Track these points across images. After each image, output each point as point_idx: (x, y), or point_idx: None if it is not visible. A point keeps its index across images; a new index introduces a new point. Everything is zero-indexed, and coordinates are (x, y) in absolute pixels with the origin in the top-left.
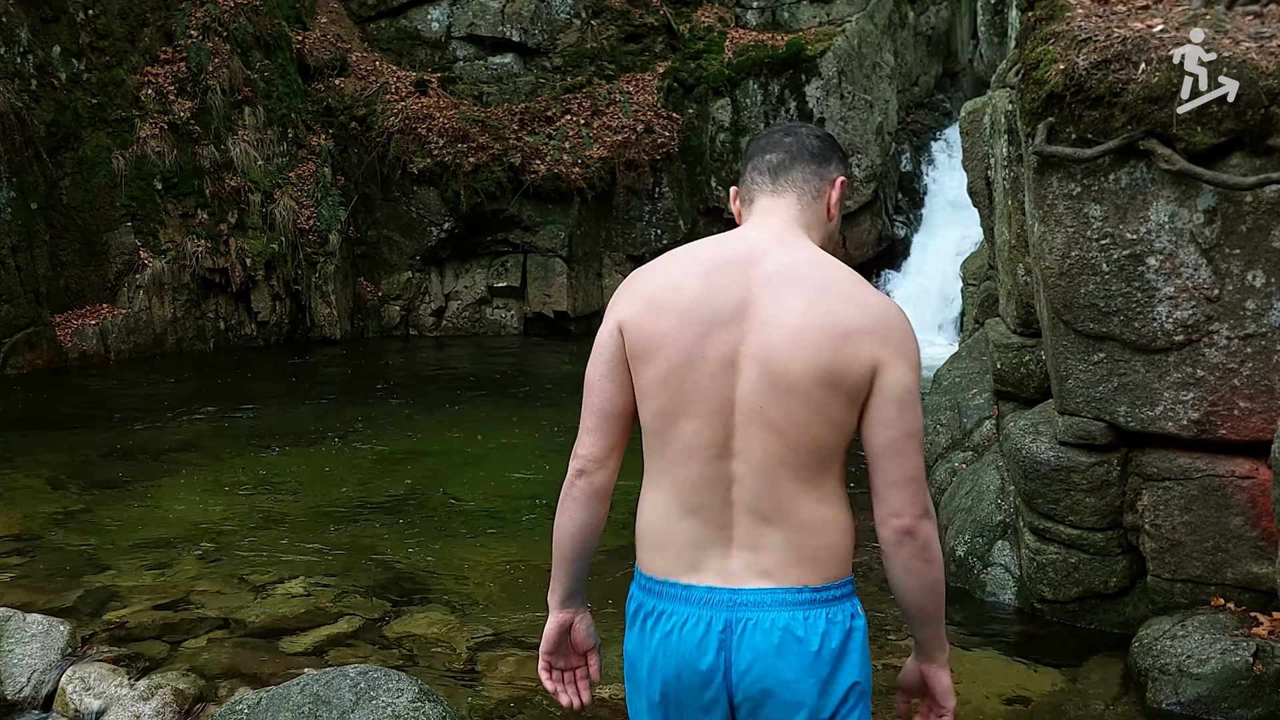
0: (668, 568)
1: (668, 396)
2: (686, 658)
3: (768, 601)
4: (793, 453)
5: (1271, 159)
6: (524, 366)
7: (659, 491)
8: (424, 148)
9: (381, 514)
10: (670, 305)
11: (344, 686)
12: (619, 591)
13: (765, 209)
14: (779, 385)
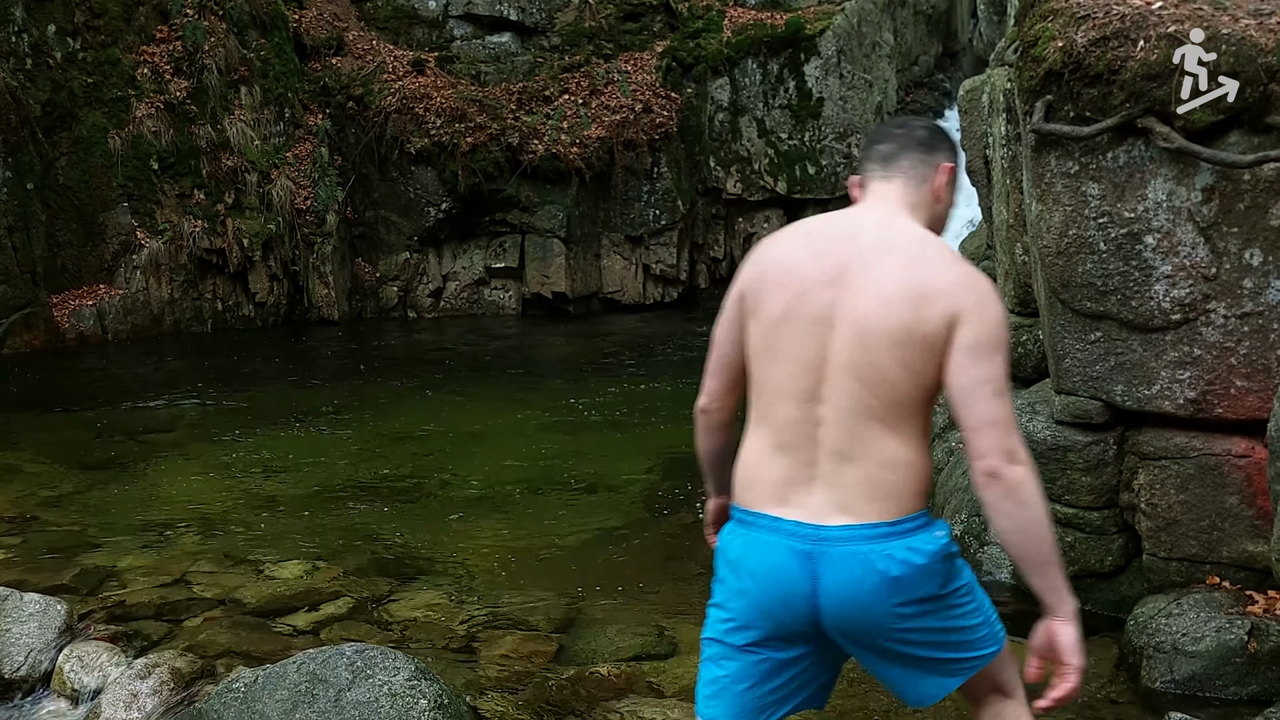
0: (758, 501)
1: (768, 347)
2: (776, 581)
3: (846, 536)
4: (877, 401)
5: (1270, 137)
6: (522, 348)
7: (755, 433)
8: (421, 127)
9: (380, 495)
10: (778, 269)
11: (340, 665)
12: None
13: (876, 192)
14: (867, 341)
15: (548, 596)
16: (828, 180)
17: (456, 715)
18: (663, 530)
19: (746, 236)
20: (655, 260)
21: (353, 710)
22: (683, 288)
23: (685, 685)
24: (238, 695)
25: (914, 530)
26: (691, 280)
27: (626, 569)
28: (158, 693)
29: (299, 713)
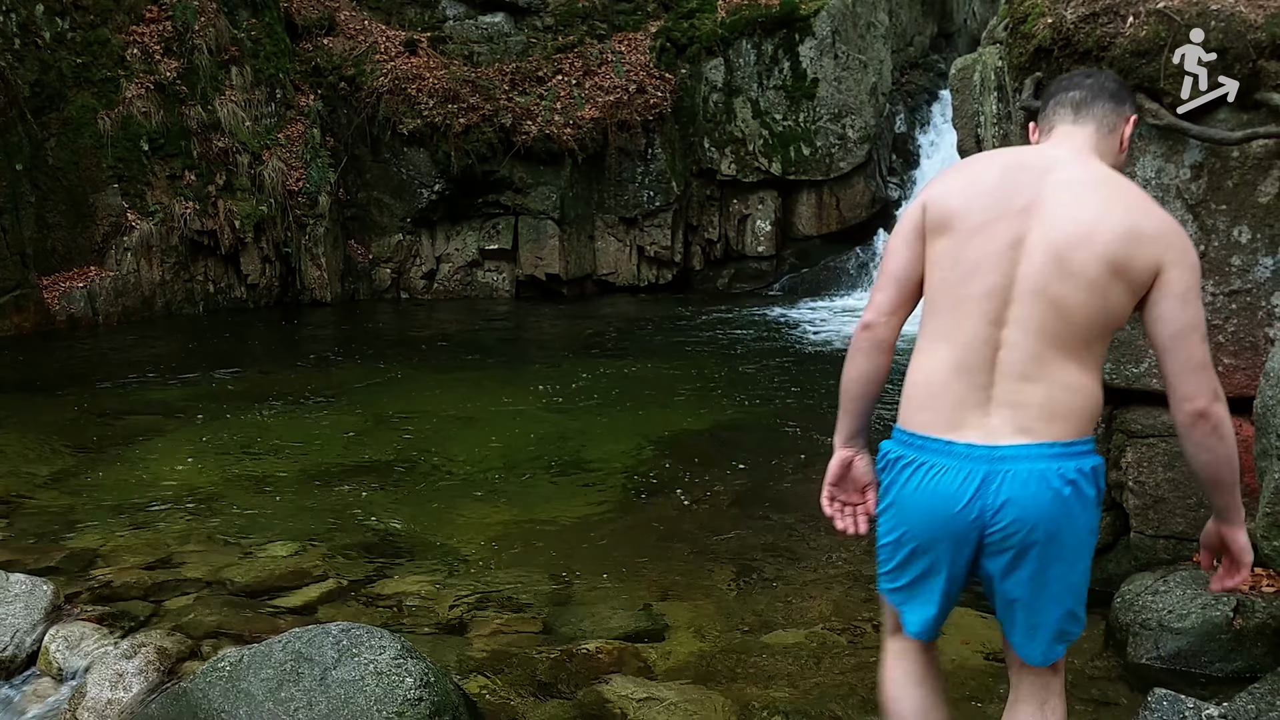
0: (930, 423)
1: (955, 267)
2: (945, 502)
3: (1024, 455)
4: (1066, 326)
5: (1258, 113)
6: (516, 329)
7: (931, 353)
8: (414, 108)
9: (371, 475)
10: (968, 192)
11: (326, 644)
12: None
13: (1065, 134)
14: (1067, 269)
15: (536, 577)
16: (822, 161)
17: (442, 693)
18: (652, 511)
19: (741, 218)
20: (649, 242)
21: (338, 689)
22: (677, 270)
23: (675, 664)
24: (223, 674)
25: (1086, 453)
26: (686, 262)
27: (616, 549)
28: (143, 672)
29: (284, 691)
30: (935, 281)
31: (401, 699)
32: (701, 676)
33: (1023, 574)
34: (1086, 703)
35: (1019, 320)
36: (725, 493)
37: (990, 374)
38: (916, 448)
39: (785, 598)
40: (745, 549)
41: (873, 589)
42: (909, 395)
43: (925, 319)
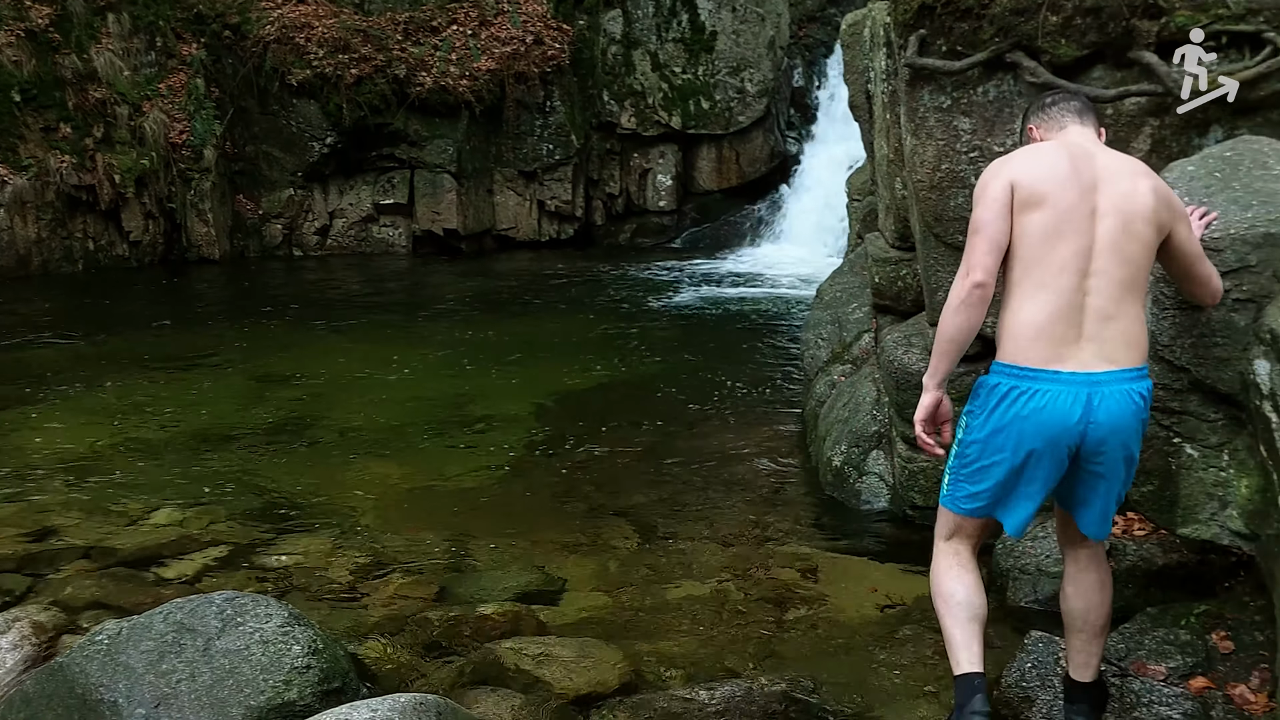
0: (1039, 357)
1: (1051, 232)
2: (1059, 419)
3: (1115, 379)
4: (1131, 273)
5: (1132, 71)
6: (413, 286)
7: (1032, 300)
8: (303, 58)
9: (262, 439)
10: (1049, 174)
11: (209, 613)
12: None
13: (1080, 132)
14: (1130, 230)
15: (432, 539)
16: (722, 115)
17: (332, 660)
18: (550, 470)
19: (642, 173)
20: (550, 196)
21: (222, 659)
22: (578, 225)
23: (571, 622)
24: (101, 648)
25: (1147, 375)
26: (587, 217)
27: (513, 510)
28: (18, 648)
29: (165, 663)
30: (1029, 244)
31: (289, 667)
32: (598, 633)
33: (1108, 469)
34: None
35: (1101, 272)
36: (624, 450)
37: (1081, 314)
38: (1030, 378)
39: (682, 552)
40: (643, 505)
41: (762, 544)
42: (1015, 334)
43: (1024, 274)
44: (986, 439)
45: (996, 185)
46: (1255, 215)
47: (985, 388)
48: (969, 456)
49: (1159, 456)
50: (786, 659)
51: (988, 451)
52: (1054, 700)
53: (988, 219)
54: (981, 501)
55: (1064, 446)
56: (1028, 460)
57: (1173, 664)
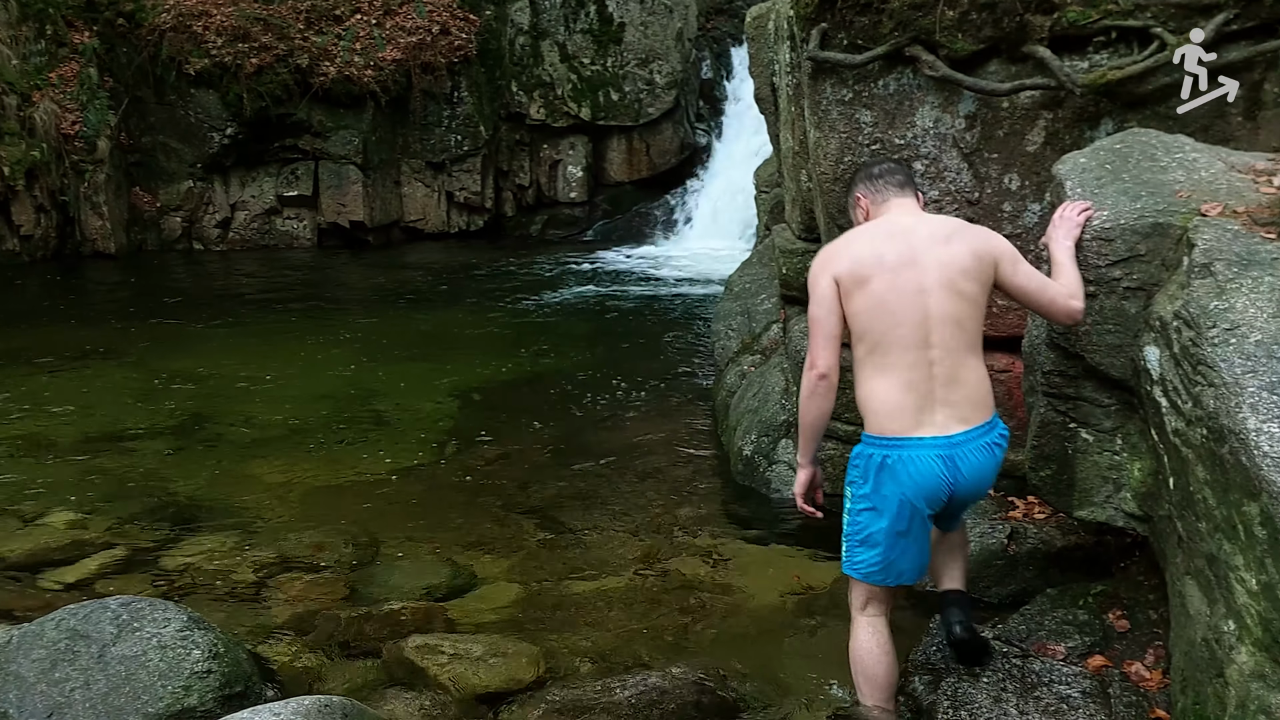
0: (900, 427)
1: (884, 316)
2: (931, 479)
3: (972, 437)
4: (968, 338)
5: (1026, 65)
6: (319, 281)
7: (883, 378)
8: (201, 47)
9: (161, 438)
10: (869, 259)
11: (104, 619)
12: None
13: (900, 204)
14: (959, 296)
15: (339, 538)
16: (631, 107)
17: (234, 663)
18: (461, 466)
19: (552, 164)
20: (459, 188)
21: (118, 666)
22: (488, 216)
23: (483, 620)
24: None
25: (997, 423)
26: (497, 209)
27: (423, 506)
28: None
29: (58, 671)
30: (867, 328)
31: (188, 672)
32: (510, 629)
33: (970, 500)
34: None
35: (940, 344)
36: (535, 444)
37: (931, 384)
38: (898, 446)
39: (595, 546)
40: (555, 500)
41: (675, 535)
42: (874, 410)
43: (865, 353)
44: (871, 505)
45: (824, 282)
46: (1144, 206)
47: (861, 458)
48: (860, 523)
49: (1056, 441)
50: (699, 649)
51: (876, 518)
52: (959, 681)
53: (820, 315)
54: (879, 565)
55: (938, 500)
56: (911, 516)
57: (1071, 644)
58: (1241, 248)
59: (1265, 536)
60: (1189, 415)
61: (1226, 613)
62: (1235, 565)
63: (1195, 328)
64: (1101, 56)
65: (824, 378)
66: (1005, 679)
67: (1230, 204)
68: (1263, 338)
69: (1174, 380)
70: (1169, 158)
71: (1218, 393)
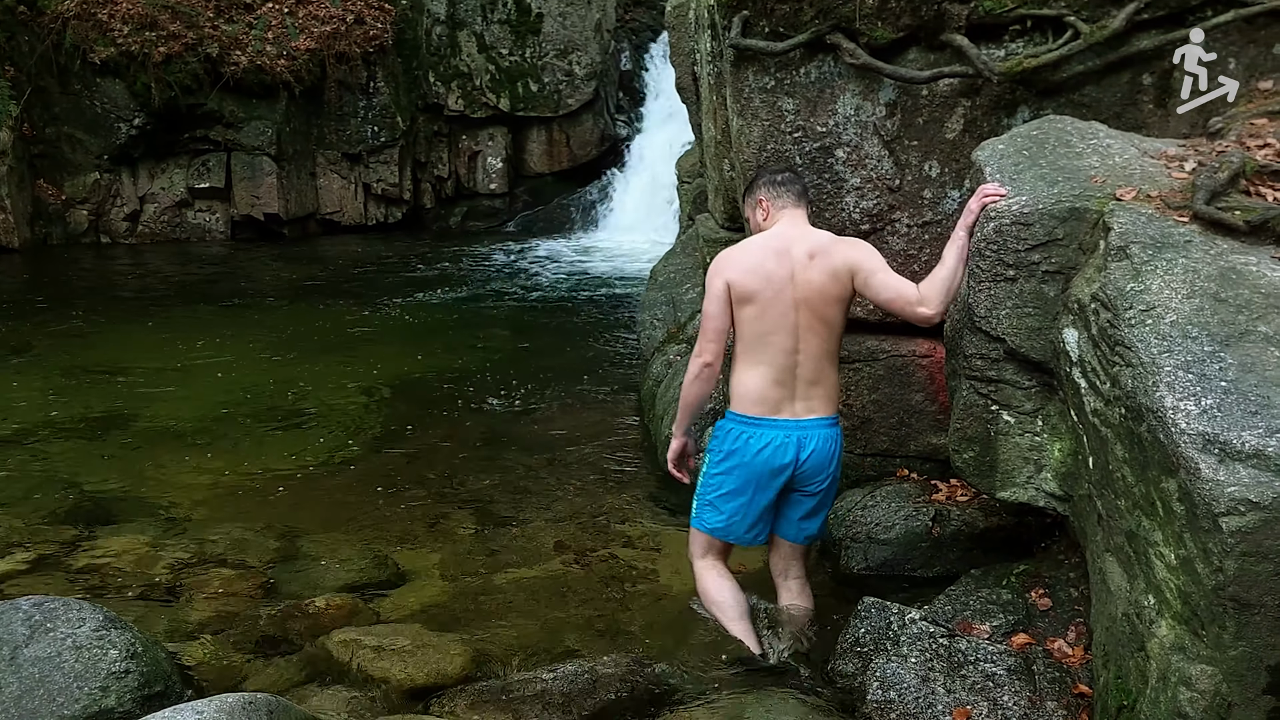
0: (764, 412)
1: (762, 321)
2: (779, 454)
3: (818, 425)
4: (828, 346)
5: (944, 54)
6: (233, 274)
7: (754, 372)
8: (106, 35)
9: (71, 435)
10: (756, 272)
11: (15, 620)
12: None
13: (792, 216)
14: (820, 313)
15: (258, 534)
16: (551, 98)
17: (153, 663)
18: (385, 459)
19: (471, 155)
20: (376, 179)
21: (31, 668)
22: (407, 208)
23: (410, 612)
24: None
25: (837, 421)
26: (416, 200)
27: (346, 501)
28: None
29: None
30: (749, 330)
31: (106, 673)
32: (437, 622)
33: (811, 492)
34: None
35: (804, 350)
36: (460, 437)
37: (794, 382)
38: (755, 425)
39: (522, 537)
40: (481, 492)
41: (603, 524)
42: (742, 396)
43: (746, 352)
44: (727, 470)
45: (719, 284)
46: (1061, 191)
47: (722, 430)
48: (713, 486)
49: (978, 424)
50: (630, 636)
51: (728, 480)
52: (888, 662)
53: (713, 313)
54: (724, 523)
55: (783, 472)
56: (757, 485)
57: (996, 622)
58: (1156, 231)
59: (1183, 512)
60: (1107, 395)
61: (1146, 588)
62: (1154, 541)
63: (1113, 309)
64: (1017, 45)
65: (709, 365)
66: (932, 658)
67: (1144, 189)
68: (1177, 318)
69: (1092, 361)
70: (1084, 144)
71: (1135, 372)
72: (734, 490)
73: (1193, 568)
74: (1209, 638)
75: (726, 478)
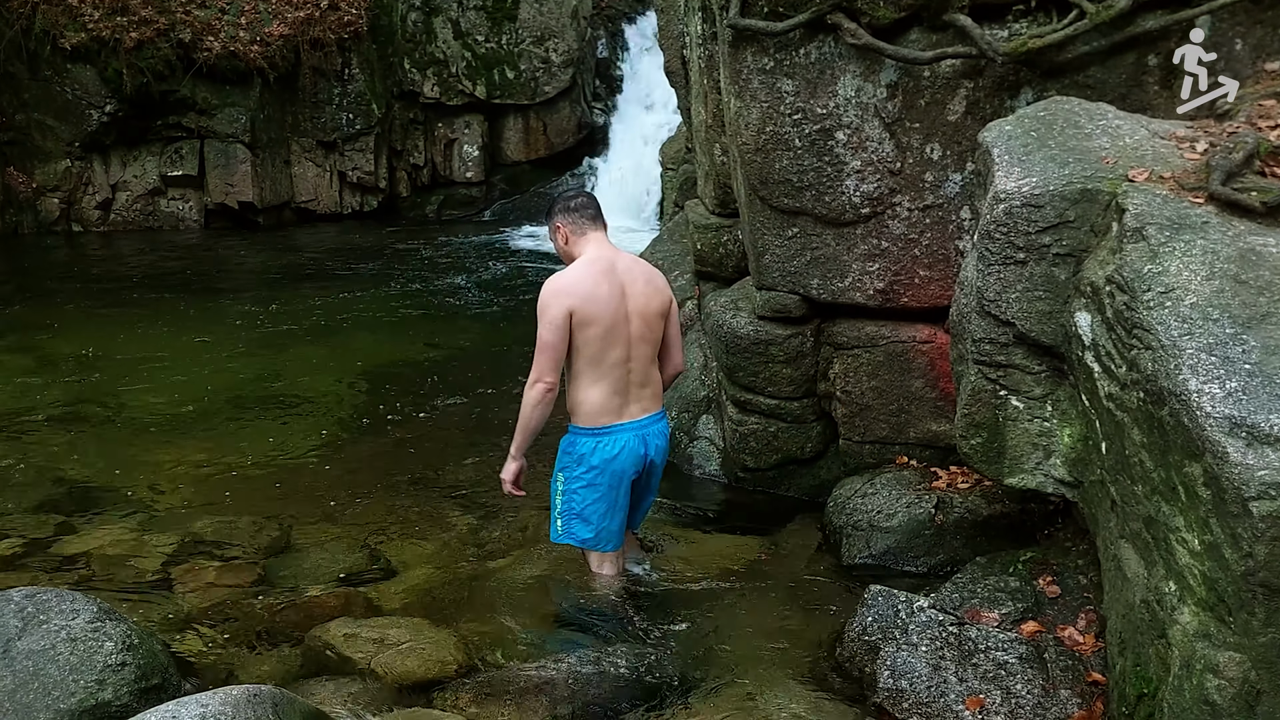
0: (611, 420)
1: (602, 340)
2: (634, 451)
3: (654, 420)
4: (652, 352)
5: (947, 34)
6: (208, 262)
7: (597, 386)
8: (76, 20)
9: (50, 424)
10: (592, 297)
11: (7, 612)
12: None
13: (598, 238)
14: (648, 325)
15: (246, 523)
16: (527, 85)
17: (149, 655)
18: (370, 448)
19: (448, 143)
20: (352, 167)
21: (25, 661)
22: (383, 196)
23: (404, 604)
24: None
25: (664, 414)
26: (392, 188)
27: (333, 490)
28: None
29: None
30: (591, 351)
31: (102, 665)
32: (434, 612)
33: (652, 481)
34: (805, 606)
35: (636, 359)
36: (445, 425)
37: (629, 388)
38: (606, 432)
39: (513, 526)
40: (470, 480)
41: None
42: (588, 410)
43: (585, 368)
44: (590, 481)
45: (559, 312)
46: (1072, 172)
47: (575, 448)
48: (578, 499)
49: (986, 410)
50: (631, 624)
51: (591, 491)
52: (898, 651)
53: (553, 341)
54: (593, 532)
55: (640, 465)
56: (620, 484)
57: (1005, 610)
58: (1172, 212)
59: (1209, 497)
60: (1124, 379)
61: (1167, 574)
62: (1176, 526)
63: (1129, 292)
64: (1021, 25)
65: (551, 390)
66: (943, 647)
67: (1156, 170)
68: (1198, 300)
69: (1107, 345)
70: (1093, 125)
71: (1155, 355)
72: (599, 498)
73: (1219, 553)
74: (1237, 624)
75: (590, 489)
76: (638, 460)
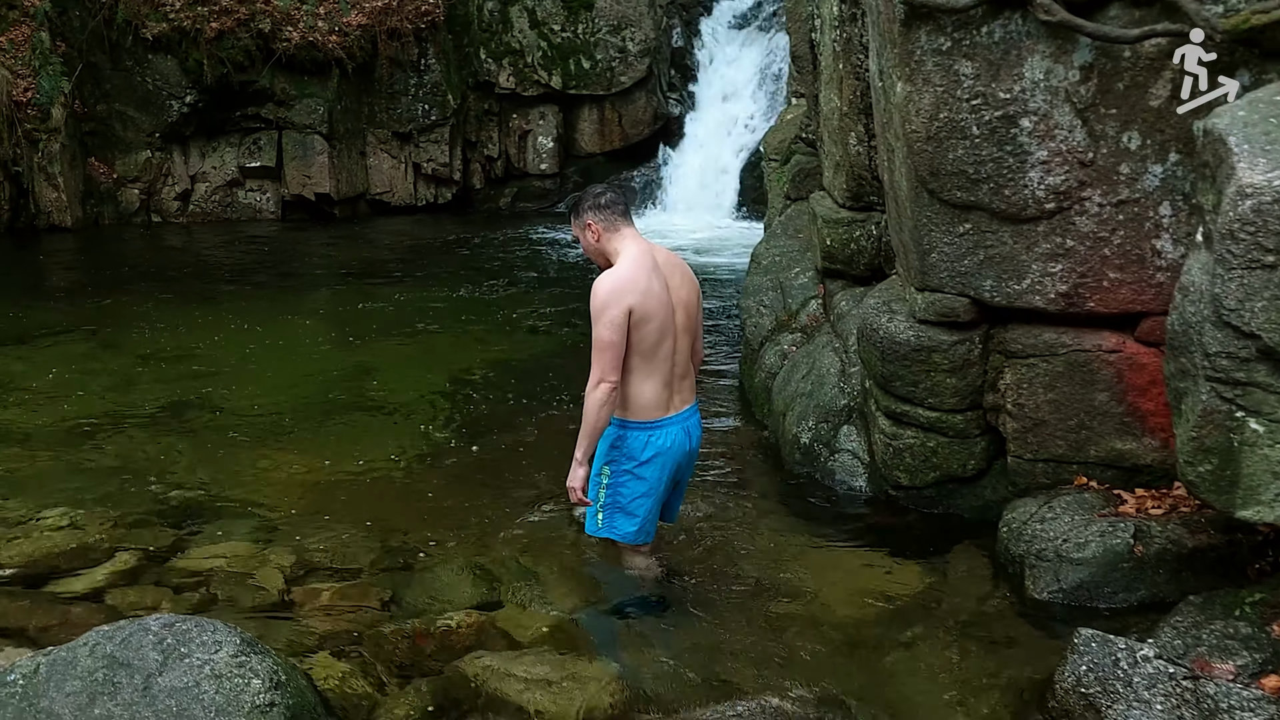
0: (661, 413)
1: (658, 335)
2: (682, 442)
3: (693, 411)
4: (689, 344)
5: (1152, 9)
6: (286, 255)
7: (650, 381)
8: (158, 10)
9: (147, 426)
10: (647, 293)
11: (146, 643)
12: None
13: (632, 233)
14: (690, 316)
15: (360, 536)
16: (603, 75)
17: (297, 693)
18: (476, 454)
19: (522, 134)
20: (426, 159)
21: (168, 699)
22: (457, 189)
23: (541, 633)
24: (16, 691)
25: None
26: (466, 180)
27: (445, 501)
28: None
29: (99, 707)
30: (646, 346)
31: (249, 706)
32: (576, 646)
33: (687, 474)
34: (989, 643)
35: (680, 350)
36: (553, 431)
37: (674, 380)
38: (660, 427)
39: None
40: None
41: (740, 529)
42: (642, 405)
43: (639, 363)
44: (644, 475)
45: (618, 310)
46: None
47: (625, 442)
48: (625, 494)
49: (1219, 433)
50: (790, 668)
51: (641, 485)
52: (1129, 709)
53: (615, 340)
54: (637, 525)
55: (684, 456)
56: (662, 477)
57: (1240, 661)
58: None
59: None
60: None
61: None
62: None
63: None
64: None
65: (615, 389)
66: (1179, 705)
67: None
68: None
69: None
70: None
71: None
72: (647, 491)
73: None
74: None
75: (638, 483)
76: (684, 453)
